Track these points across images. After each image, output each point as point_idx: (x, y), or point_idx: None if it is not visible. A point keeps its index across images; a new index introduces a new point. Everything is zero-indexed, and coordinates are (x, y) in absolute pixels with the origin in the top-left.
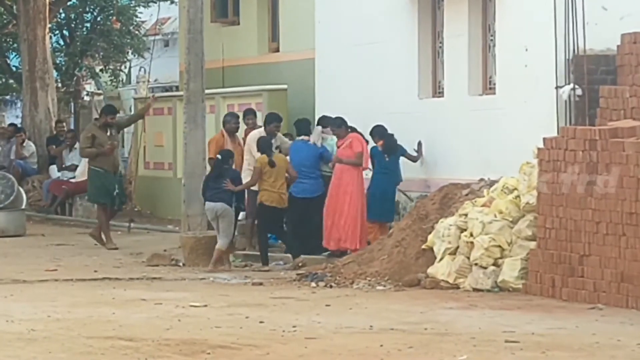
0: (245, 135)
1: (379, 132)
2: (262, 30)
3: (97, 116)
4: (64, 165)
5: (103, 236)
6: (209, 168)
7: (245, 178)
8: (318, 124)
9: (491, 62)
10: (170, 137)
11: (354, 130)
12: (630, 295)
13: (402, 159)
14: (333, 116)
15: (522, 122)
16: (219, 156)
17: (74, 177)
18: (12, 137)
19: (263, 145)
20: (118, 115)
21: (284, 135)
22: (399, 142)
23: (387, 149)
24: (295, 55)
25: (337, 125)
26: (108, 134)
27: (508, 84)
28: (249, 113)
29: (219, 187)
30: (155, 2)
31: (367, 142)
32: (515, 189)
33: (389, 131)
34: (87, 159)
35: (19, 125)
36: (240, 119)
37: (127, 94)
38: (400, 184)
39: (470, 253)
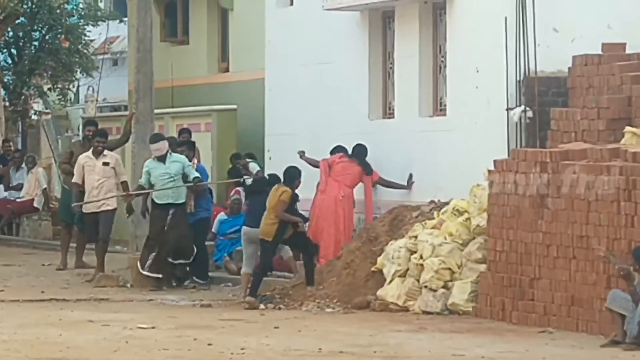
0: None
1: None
2: (212, 49)
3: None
4: (10, 185)
5: (68, 257)
6: None
7: None
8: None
9: (442, 83)
10: (120, 155)
11: None
12: (580, 318)
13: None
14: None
15: (473, 144)
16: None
17: (20, 197)
18: None
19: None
20: (66, 134)
21: (245, 155)
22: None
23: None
24: (245, 75)
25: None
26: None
27: (459, 105)
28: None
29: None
30: (104, 21)
31: None
32: (466, 211)
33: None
34: (39, 179)
35: None
36: None
37: (75, 113)
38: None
39: (420, 275)
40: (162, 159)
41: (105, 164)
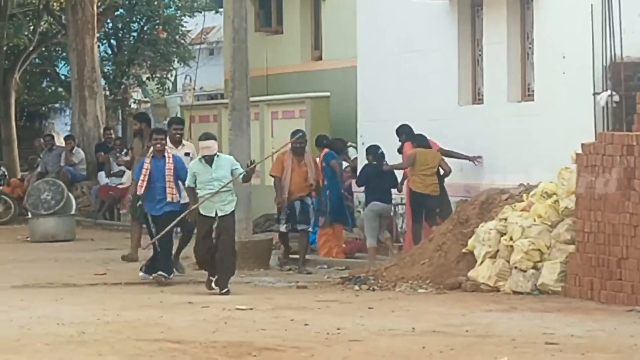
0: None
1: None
2: (305, 38)
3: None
4: (111, 172)
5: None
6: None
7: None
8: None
9: (530, 69)
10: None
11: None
12: None
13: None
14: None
15: (561, 128)
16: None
17: (121, 184)
18: (53, 146)
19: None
20: (164, 122)
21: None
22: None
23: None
24: (337, 63)
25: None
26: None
27: (546, 90)
28: (178, 122)
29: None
30: (201, 12)
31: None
32: (554, 193)
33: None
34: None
35: (69, 133)
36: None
37: (174, 102)
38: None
39: (510, 256)
40: (209, 160)
41: (187, 154)
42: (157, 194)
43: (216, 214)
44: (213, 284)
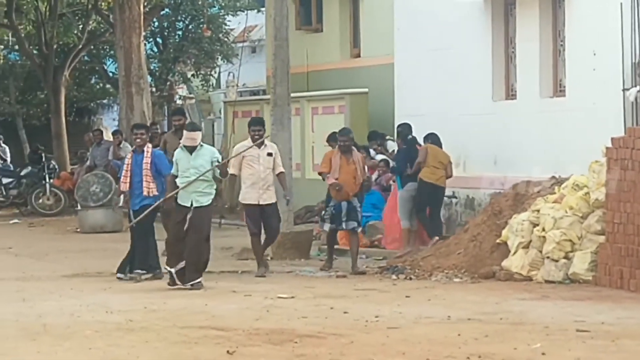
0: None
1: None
2: (344, 36)
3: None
4: None
5: None
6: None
7: None
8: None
9: (561, 66)
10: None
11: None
12: None
13: None
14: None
15: (591, 123)
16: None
17: None
18: (101, 141)
19: None
20: (208, 117)
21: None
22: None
23: None
24: (375, 60)
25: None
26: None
27: (577, 86)
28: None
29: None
30: (243, 11)
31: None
32: (585, 186)
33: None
34: None
35: (116, 128)
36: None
37: (217, 98)
38: (469, 182)
39: (542, 247)
40: (190, 149)
41: (269, 154)
42: (136, 189)
43: (192, 205)
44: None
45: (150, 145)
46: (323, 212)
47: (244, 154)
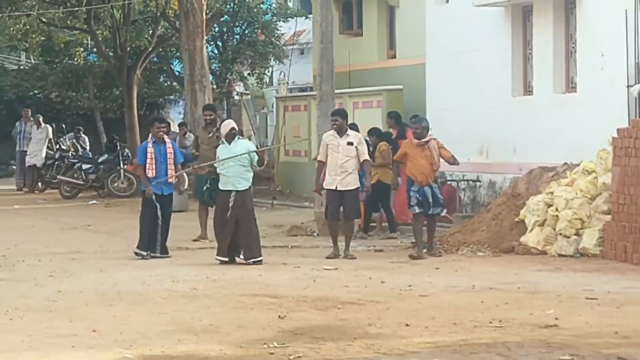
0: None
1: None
2: (382, 39)
3: (244, 113)
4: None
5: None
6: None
7: None
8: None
9: (573, 65)
10: (306, 129)
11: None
12: None
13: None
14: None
15: (599, 116)
16: None
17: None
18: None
19: None
20: (262, 111)
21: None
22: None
23: None
24: (409, 60)
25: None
26: (210, 135)
27: (587, 83)
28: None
29: None
30: (293, 18)
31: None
32: (594, 171)
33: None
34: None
35: (182, 120)
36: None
37: (270, 94)
38: (491, 168)
39: (555, 225)
40: (229, 140)
41: (350, 143)
42: (160, 176)
43: (233, 190)
44: (237, 258)
45: (167, 136)
46: (409, 199)
47: (327, 143)
